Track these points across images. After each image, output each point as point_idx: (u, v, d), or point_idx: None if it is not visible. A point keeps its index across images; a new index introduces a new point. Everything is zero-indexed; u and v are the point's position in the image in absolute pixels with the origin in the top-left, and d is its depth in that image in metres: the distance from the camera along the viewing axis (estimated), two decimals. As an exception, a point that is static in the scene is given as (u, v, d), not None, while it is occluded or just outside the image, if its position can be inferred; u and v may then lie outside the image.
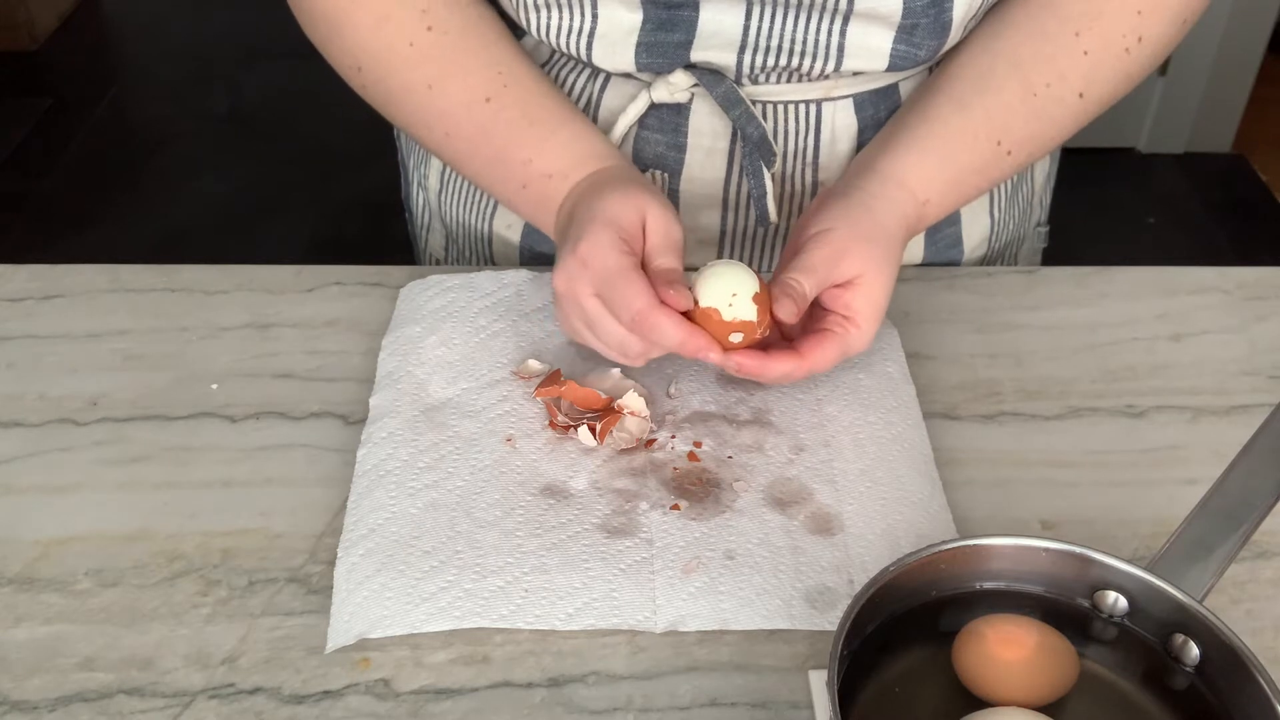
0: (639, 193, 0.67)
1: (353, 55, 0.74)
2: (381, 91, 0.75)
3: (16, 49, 2.93)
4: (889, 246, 0.68)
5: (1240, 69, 2.51)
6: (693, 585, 0.61)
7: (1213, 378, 0.77)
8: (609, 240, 0.64)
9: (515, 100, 0.72)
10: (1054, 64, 0.72)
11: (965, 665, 0.53)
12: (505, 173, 0.73)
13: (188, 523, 0.66)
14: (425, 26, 0.72)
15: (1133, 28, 0.71)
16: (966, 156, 0.72)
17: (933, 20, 0.72)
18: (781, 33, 0.72)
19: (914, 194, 0.70)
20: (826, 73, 0.75)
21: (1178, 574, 0.53)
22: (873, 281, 0.66)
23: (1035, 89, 0.72)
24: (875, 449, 0.69)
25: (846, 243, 0.66)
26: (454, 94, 0.73)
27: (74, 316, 0.80)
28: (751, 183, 0.78)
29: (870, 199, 0.69)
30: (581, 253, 0.64)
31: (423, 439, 0.69)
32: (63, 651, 0.59)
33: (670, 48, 0.74)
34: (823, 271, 0.66)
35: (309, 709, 0.57)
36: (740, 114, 0.75)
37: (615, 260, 0.64)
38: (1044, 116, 0.73)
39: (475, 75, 0.73)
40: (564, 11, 0.73)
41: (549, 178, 0.71)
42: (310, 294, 0.82)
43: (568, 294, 0.66)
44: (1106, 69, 0.72)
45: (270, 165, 2.58)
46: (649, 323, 0.63)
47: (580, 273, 0.65)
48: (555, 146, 0.72)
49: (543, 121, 0.72)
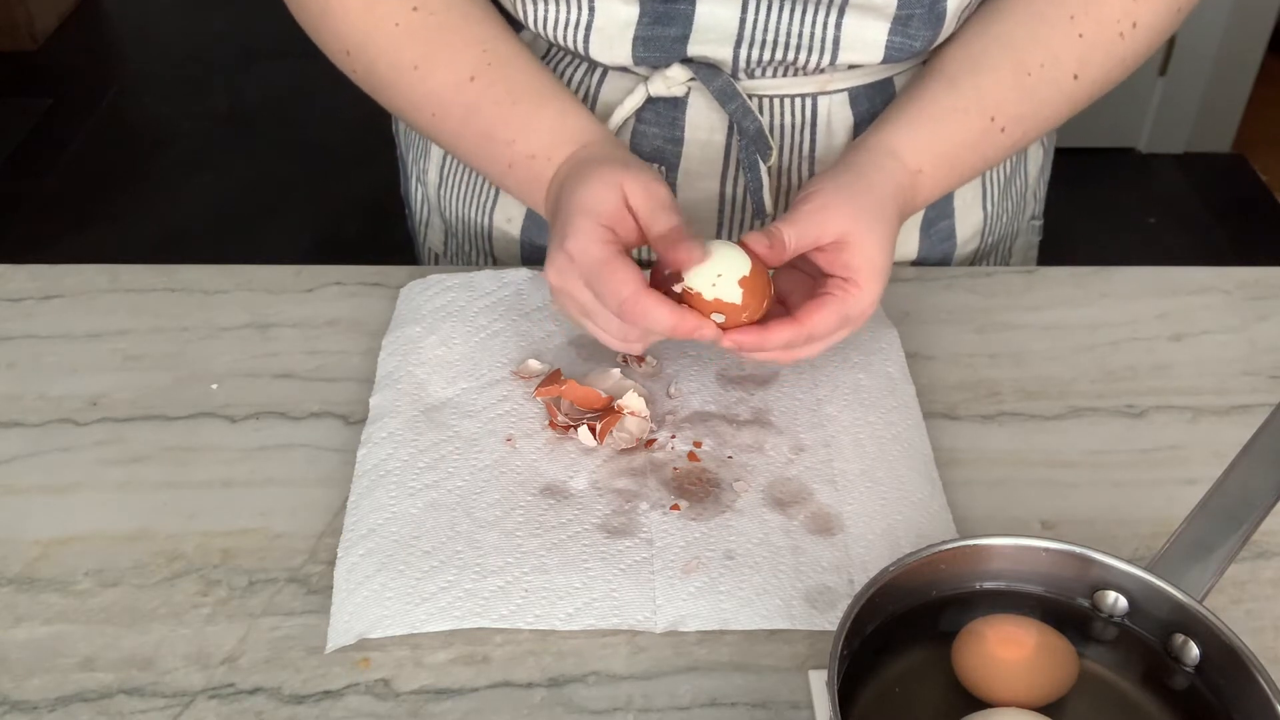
0: (613, 171, 0.66)
1: (341, 38, 0.74)
2: (370, 74, 0.75)
3: (16, 49, 2.93)
4: (878, 206, 0.67)
5: (1240, 69, 2.51)
6: (693, 585, 0.61)
7: (1213, 378, 0.77)
8: (589, 231, 0.64)
9: (500, 78, 0.72)
10: (1048, 46, 0.72)
11: (965, 665, 0.53)
12: (492, 152, 0.73)
13: (188, 523, 0.66)
14: (411, 7, 0.72)
15: (1127, 12, 0.72)
16: (959, 131, 0.72)
17: (927, 11, 0.72)
18: (777, 26, 0.73)
19: (905, 163, 0.70)
20: (822, 66, 0.75)
21: (1178, 574, 0.53)
22: (864, 238, 0.65)
23: (1029, 68, 0.72)
24: (875, 449, 0.69)
25: (829, 197, 0.66)
26: (440, 74, 0.73)
27: (74, 316, 0.80)
28: (748, 176, 0.78)
29: (859, 165, 0.69)
30: (569, 248, 0.64)
31: (423, 439, 0.69)
32: (63, 651, 0.59)
33: (667, 42, 0.74)
34: (804, 224, 0.65)
35: (309, 709, 0.57)
36: (737, 108, 0.76)
37: (597, 252, 0.64)
38: (1037, 96, 0.73)
39: (461, 54, 0.73)
40: (561, 5, 0.74)
41: (532, 158, 0.71)
42: (310, 294, 0.82)
43: (561, 288, 0.66)
44: (1101, 52, 0.72)
45: (270, 165, 2.58)
46: (638, 309, 0.62)
47: (569, 267, 0.65)
48: (538, 125, 0.71)
49: (527, 99, 0.72)
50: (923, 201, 0.73)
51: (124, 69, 3.00)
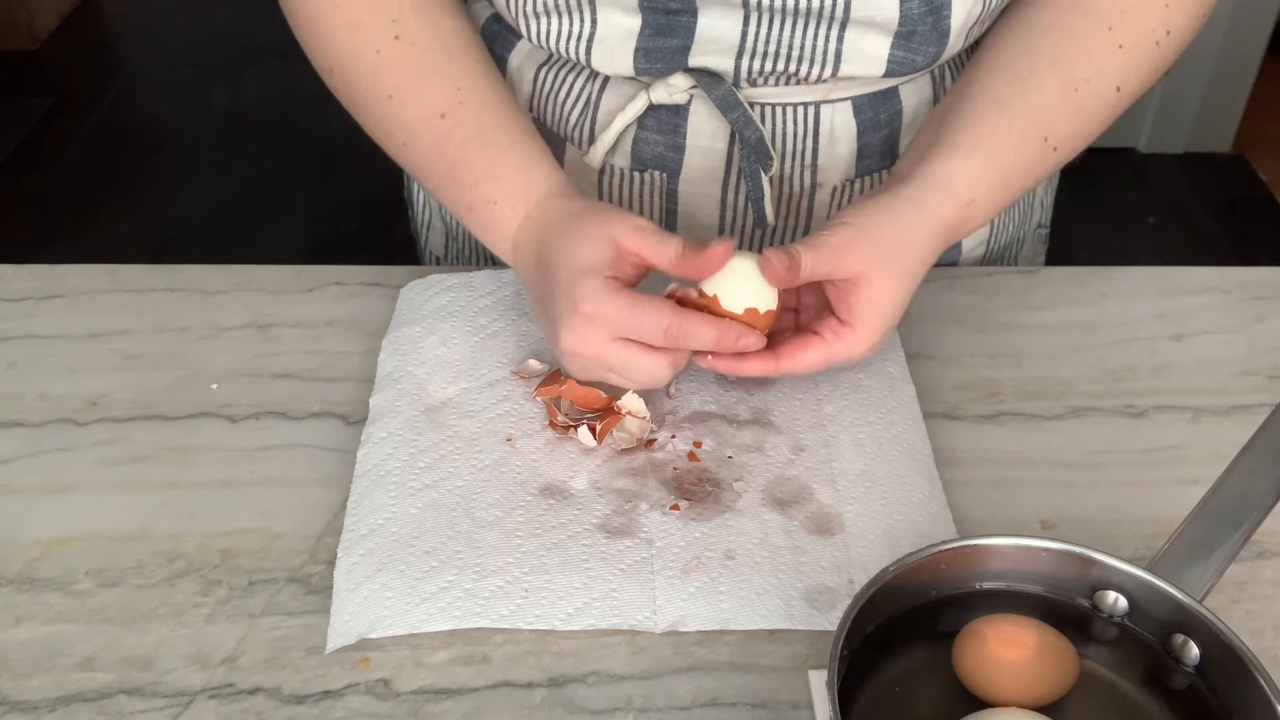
0: (594, 224, 0.66)
1: (325, 58, 0.74)
2: (348, 95, 0.75)
3: (16, 49, 2.93)
4: (903, 252, 0.66)
5: (1240, 69, 2.51)
6: (693, 585, 0.61)
7: (1213, 378, 0.77)
8: (603, 287, 0.64)
9: (470, 119, 0.72)
10: (1091, 60, 0.71)
11: (965, 665, 0.53)
12: (456, 191, 0.73)
13: (188, 523, 0.66)
14: (393, 35, 0.72)
15: (1161, 20, 0.71)
16: (1013, 155, 0.70)
17: (930, 28, 0.72)
18: (779, 39, 0.72)
19: (956, 196, 0.68)
20: (824, 78, 0.75)
21: (1178, 574, 0.53)
22: (876, 285, 0.65)
23: (1076, 84, 0.70)
24: (875, 449, 0.69)
25: (856, 234, 0.65)
26: (412, 107, 0.72)
27: (74, 316, 0.80)
28: (749, 185, 0.78)
29: (900, 203, 0.67)
30: (585, 311, 0.64)
31: (423, 439, 0.69)
32: (63, 651, 0.59)
33: (668, 53, 0.74)
34: (824, 254, 0.64)
35: (309, 709, 0.57)
36: (738, 117, 0.75)
37: (619, 300, 0.64)
38: (1084, 112, 0.71)
39: (434, 89, 0.72)
40: (563, 17, 0.73)
41: (494, 204, 0.71)
42: (310, 294, 0.82)
43: (582, 352, 0.65)
44: (1140, 61, 0.72)
45: (270, 165, 2.58)
46: (683, 331, 0.63)
47: (590, 329, 0.64)
48: (502, 171, 0.71)
49: (493, 144, 0.72)
50: (970, 230, 0.71)
51: (124, 69, 3.00)
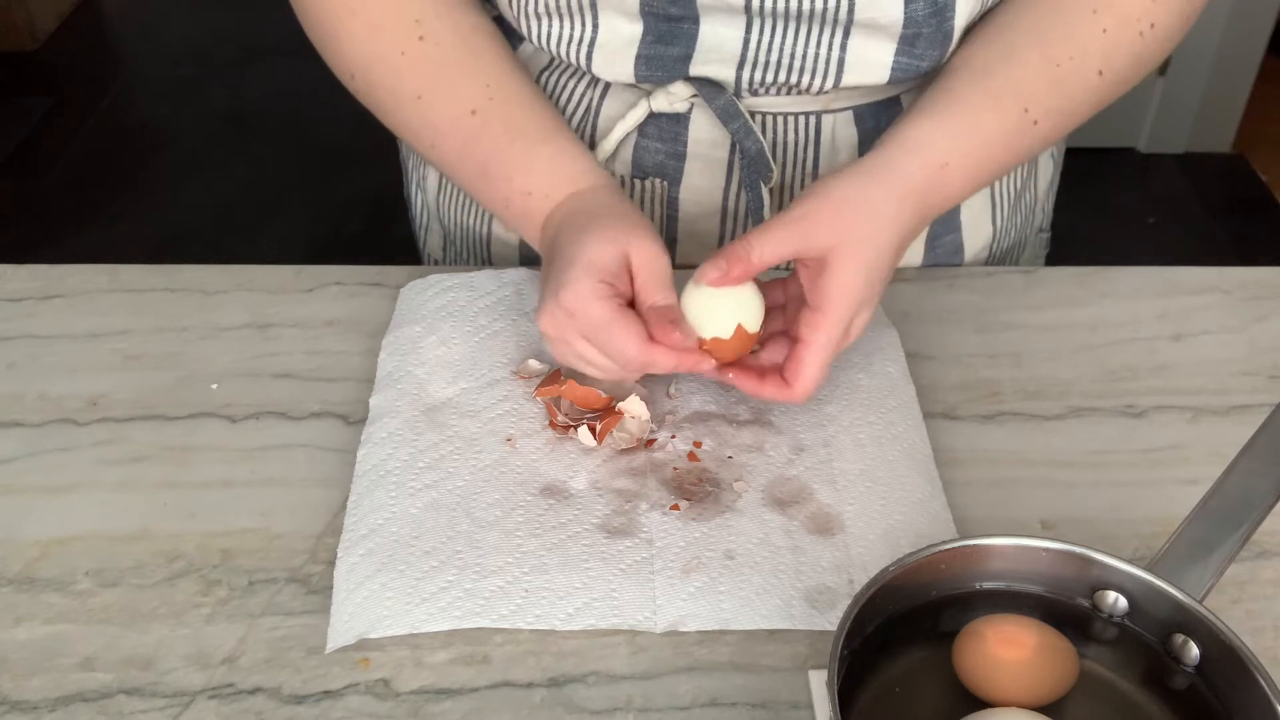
0: (619, 227, 0.65)
1: (347, 62, 0.74)
2: (373, 99, 0.75)
3: (16, 49, 2.93)
4: (870, 224, 0.64)
5: (1240, 69, 2.50)
6: (693, 585, 0.61)
7: (1213, 378, 0.77)
8: (591, 290, 0.63)
9: (500, 115, 0.72)
10: (1074, 38, 0.70)
11: (965, 665, 0.53)
12: (489, 186, 0.73)
13: (188, 523, 0.66)
14: (417, 36, 0.72)
15: (1146, 11, 0.71)
16: (992, 122, 0.69)
17: (934, 30, 0.71)
18: (781, 47, 0.72)
19: (926, 160, 0.66)
20: (826, 88, 0.74)
21: (1178, 574, 0.53)
22: (844, 263, 0.63)
23: (1058, 60, 0.70)
24: (875, 449, 0.69)
25: (818, 208, 0.63)
26: (441, 106, 0.73)
27: (74, 316, 0.80)
28: (749, 195, 0.78)
29: (863, 175, 0.65)
30: (565, 302, 0.64)
31: (423, 439, 0.69)
32: (63, 651, 0.59)
33: (670, 61, 0.74)
34: (781, 234, 0.63)
35: (309, 709, 0.57)
36: (739, 127, 0.75)
37: (599, 310, 0.63)
38: (1066, 90, 0.71)
39: (463, 87, 0.72)
40: (565, 21, 0.73)
41: (529, 195, 0.71)
42: (310, 294, 0.82)
43: (557, 337, 0.66)
44: (1124, 48, 0.71)
45: (270, 165, 2.58)
46: (646, 362, 0.64)
47: (566, 320, 0.64)
48: (536, 164, 0.71)
49: (527, 137, 0.72)
50: (950, 199, 0.69)
51: (124, 69, 2.99)
